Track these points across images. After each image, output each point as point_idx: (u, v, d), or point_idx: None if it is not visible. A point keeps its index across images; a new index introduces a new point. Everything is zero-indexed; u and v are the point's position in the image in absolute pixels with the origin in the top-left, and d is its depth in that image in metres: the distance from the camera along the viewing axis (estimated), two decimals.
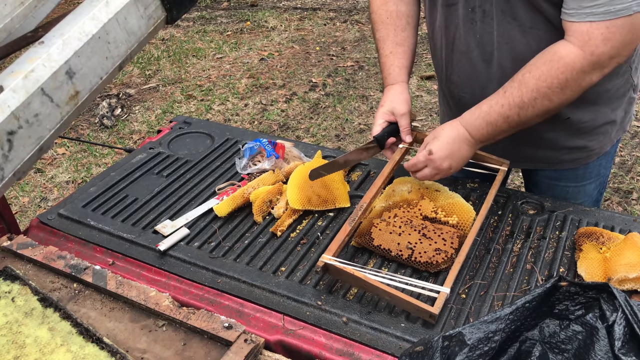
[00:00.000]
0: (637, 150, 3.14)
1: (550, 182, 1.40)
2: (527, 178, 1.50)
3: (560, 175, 1.38)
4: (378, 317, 1.00)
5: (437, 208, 1.19)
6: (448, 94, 1.38)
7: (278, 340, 0.98)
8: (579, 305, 0.82)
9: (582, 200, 1.40)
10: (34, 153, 0.50)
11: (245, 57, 4.56)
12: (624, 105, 1.30)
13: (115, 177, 1.41)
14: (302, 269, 1.11)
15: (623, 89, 1.26)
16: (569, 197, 1.38)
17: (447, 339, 0.79)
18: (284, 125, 3.57)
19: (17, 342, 0.98)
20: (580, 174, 1.37)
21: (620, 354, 0.73)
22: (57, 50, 0.51)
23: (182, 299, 1.07)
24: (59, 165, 3.23)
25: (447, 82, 1.34)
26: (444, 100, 1.45)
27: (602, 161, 1.37)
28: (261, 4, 5.71)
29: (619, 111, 1.29)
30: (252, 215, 1.25)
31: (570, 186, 1.39)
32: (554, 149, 1.31)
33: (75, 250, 1.20)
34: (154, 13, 0.60)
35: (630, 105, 1.33)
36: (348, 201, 1.29)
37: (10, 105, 0.47)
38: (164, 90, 4.10)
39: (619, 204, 2.75)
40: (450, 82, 1.33)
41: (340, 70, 4.27)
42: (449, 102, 1.41)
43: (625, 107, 1.30)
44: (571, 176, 1.38)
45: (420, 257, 1.07)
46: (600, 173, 1.40)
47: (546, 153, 1.33)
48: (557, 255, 1.12)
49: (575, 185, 1.39)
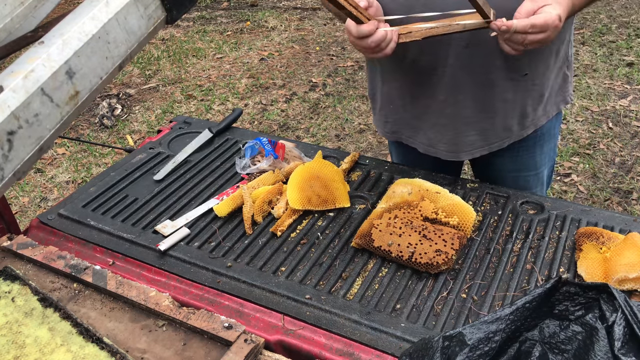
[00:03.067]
0: (637, 150, 3.14)
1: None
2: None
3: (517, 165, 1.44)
4: (378, 317, 1.00)
5: (437, 209, 1.19)
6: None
7: (278, 340, 0.98)
8: (578, 305, 0.82)
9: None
10: (34, 153, 0.50)
11: (245, 57, 4.56)
12: (561, 78, 1.37)
13: (115, 177, 1.41)
14: (302, 269, 1.11)
15: (565, 62, 1.34)
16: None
17: (447, 339, 0.79)
18: (284, 125, 3.57)
19: (17, 342, 0.98)
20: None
21: (620, 354, 0.73)
22: (57, 50, 0.51)
23: (182, 299, 1.07)
24: (59, 165, 3.23)
25: None
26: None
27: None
28: (261, 4, 5.71)
29: (558, 80, 1.36)
30: (252, 215, 1.25)
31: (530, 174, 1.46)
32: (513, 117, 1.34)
33: (75, 250, 1.20)
34: (154, 13, 0.60)
35: (565, 82, 1.39)
36: (348, 201, 1.29)
37: (10, 105, 0.47)
38: (164, 90, 4.10)
39: (619, 204, 2.75)
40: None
41: (340, 70, 4.26)
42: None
43: (561, 80, 1.37)
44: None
45: (421, 258, 1.07)
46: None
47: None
48: (557, 255, 1.12)
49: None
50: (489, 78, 1.25)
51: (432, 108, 1.33)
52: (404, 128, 1.44)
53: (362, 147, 3.30)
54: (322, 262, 1.13)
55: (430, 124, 1.37)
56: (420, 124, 1.39)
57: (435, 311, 1.01)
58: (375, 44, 1.08)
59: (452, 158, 1.39)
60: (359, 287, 1.07)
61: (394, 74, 1.37)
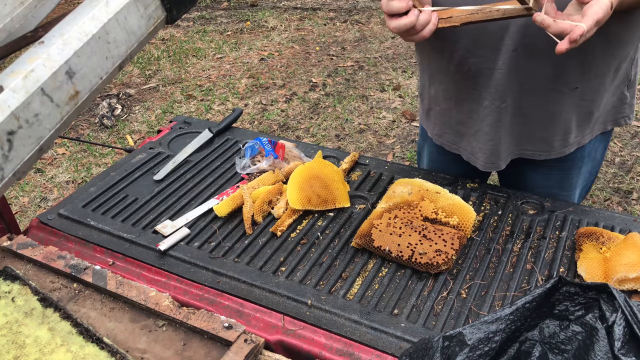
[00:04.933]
0: (637, 150, 3.14)
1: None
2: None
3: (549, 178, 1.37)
4: (378, 317, 1.00)
5: (437, 209, 1.19)
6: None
7: (278, 340, 0.98)
8: (578, 305, 0.82)
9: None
10: (34, 153, 0.50)
11: (245, 57, 4.56)
12: (616, 98, 1.28)
13: (115, 177, 1.41)
14: (302, 269, 1.11)
15: (625, 81, 1.25)
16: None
17: (447, 339, 0.79)
18: (284, 125, 3.57)
19: (17, 342, 0.98)
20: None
21: (620, 354, 0.73)
22: (57, 50, 0.51)
23: (182, 299, 1.07)
24: (59, 165, 3.23)
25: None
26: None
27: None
28: (261, 4, 5.71)
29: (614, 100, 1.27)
30: (252, 215, 1.25)
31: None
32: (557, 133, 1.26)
33: (75, 250, 1.20)
34: (154, 13, 0.60)
35: (622, 104, 1.30)
36: (348, 201, 1.29)
37: (10, 105, 0.47)
38: (164, 90, 4.10)
39: (619, 204, 2.75)
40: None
41: (340, 70, 4.26)
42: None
43: (616, 100, 1.28)
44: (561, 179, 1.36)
45: (421, 259, 1.07)
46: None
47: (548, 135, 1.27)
48: (557, 255, 1.12)
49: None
50: (534, 86, 1.19)
51: (477, 113, 1.27)
52: (448, 133, 1.39)
53: (362, 147, 3.30)
54: (322, 262, 1.13)
55: (473, 130, 1.31)
56: (465, 130, 1.33)
57: (435, 311, 1.01)
58: (409, 24, 1.00)
59: (490, 169, 1.33)
60: (359, 287, 1.07)
61: (440, 75, 1.31)
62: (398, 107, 3.72)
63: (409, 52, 4.50)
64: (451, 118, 1.35)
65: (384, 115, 3.63)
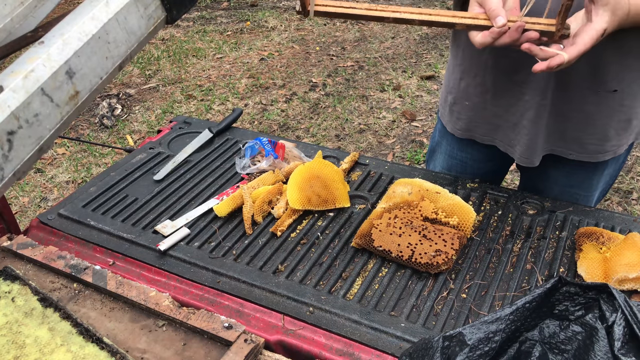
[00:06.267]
0: (637, 150, 3.14)
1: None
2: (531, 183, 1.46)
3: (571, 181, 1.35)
4: (378, 317, 1.00)
5: (437, 209, 1.19)
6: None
7: (278, 340, 0.98)
8: (578, 305, 0.82)
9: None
10: (34, 153, 0.50)
11: (245, 57, 4.56)
12: None
13: (115, 177, 1.41)
14: (302, 269, 1.11)
15: None
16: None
17: (447, 339, 0.79)
18: (284, 125, 3.57)
19: (17, 342, 0.98)
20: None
21: (619, 354, 0.73)
22: (57, 50, 0.51)
23: (182, 299, 1.07)
24: (59, 165, 3.23)
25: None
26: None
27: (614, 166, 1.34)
28: (261, 4, 5.71)
29: None
30: (252, 215, 1.25)
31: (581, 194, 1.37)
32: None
33: (75, 250, 1.20)
34: (154, 13, 0.60)
35: None
36: (348, 201, 1.29)
37: (10, 105, 0.47)
38: (164, 90, 4.10)
39: (619, 204, 2.75)
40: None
41: (340, 70, 4.27)
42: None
43: None
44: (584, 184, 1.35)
45: (421, 259, 1.07)
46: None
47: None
48: (557, 255, 1.12)
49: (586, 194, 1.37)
50: (572, 84, 1.18)
51: (515, 107, 1.27)
52: (481, 126, 1.38)
53: (362, 147, 3.30)
54: (322, 262, 1.13)
55: (511, 123, 1.31)
56: (501, 123, 1.33)
57: (435, 311, 1.01)
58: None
59: (525, 164, 1.33)
60: (359, 287, 1.07)
61: (476, 69, 1.31)
62: (398, 107, 3.72)
63: (409, 52, 4.50)
64: (486, 111, 1.34)
65: (384, 115, 3.63)
